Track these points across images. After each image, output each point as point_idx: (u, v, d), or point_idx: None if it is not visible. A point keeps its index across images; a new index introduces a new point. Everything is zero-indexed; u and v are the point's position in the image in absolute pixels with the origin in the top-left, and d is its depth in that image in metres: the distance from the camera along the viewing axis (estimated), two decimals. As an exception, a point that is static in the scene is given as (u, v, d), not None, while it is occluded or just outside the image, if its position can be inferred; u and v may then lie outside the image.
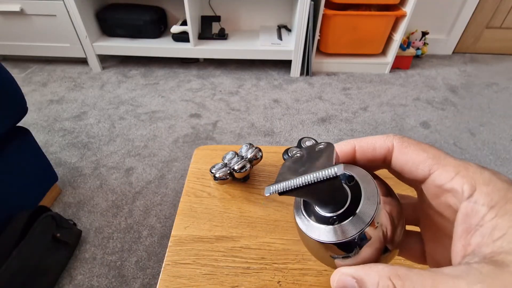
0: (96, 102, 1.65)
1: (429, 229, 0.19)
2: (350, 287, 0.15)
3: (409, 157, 0.17)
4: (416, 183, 0.17)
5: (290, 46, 1.80)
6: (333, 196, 0.17)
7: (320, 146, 0.18)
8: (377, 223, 0.16)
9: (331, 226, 0.16)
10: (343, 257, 0.16)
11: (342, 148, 0.19)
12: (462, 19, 2.06)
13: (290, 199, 0.43)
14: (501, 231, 0.13)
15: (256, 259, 0.36)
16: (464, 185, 0.15)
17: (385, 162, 0.18)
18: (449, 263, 0.16)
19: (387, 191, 0.18)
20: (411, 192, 0.21)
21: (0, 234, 0.79)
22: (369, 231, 0.16)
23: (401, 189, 0.21)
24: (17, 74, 1.88)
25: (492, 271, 0.12)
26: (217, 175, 0.41)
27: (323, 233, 0.17)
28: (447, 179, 0.15)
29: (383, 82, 1.88)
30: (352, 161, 0.19)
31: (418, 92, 1.80)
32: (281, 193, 0.16)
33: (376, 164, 0.19)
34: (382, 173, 0.20)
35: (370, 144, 0.18)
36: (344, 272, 0.16)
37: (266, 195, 0.16)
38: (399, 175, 0.18)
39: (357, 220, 0.16)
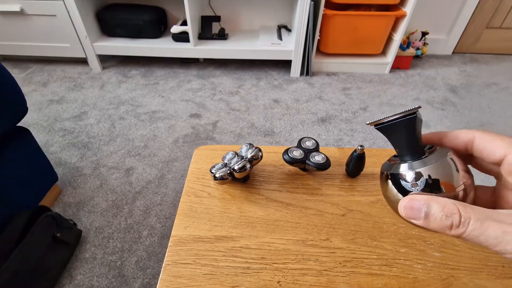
0: (96, 102, 1.65)
1: (505, 205, 0.22)
2: (417, 207, 0.19)
3: (489, 143, 0.21)
4: (493, 167, 0.22)
5: (290, 46, 1.80)
6: (415, 137, 0.23)
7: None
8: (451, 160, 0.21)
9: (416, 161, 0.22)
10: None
11: (428, 136, 0.25)
12: (462, 19, 2.06)
13: (291, 199, 0.43)
14: None
15: (256, 259, 0.36)
16: None
17: (467, 150, 0.23)
18: None
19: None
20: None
21: (0, 234, 0.79)
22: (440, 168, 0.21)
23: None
24: (17, 74, 1.88)
25: None
26: (217, 175, 0.41)
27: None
28: None
29: (383, 82, 1.88)
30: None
31: (418, 92, 1.80)
32: (377, 126, 0.23)
33: (459, 153, 0.23)
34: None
35: (454, 134, 0.23)
36: (413, 197, 0.20)
37: (367, 123, 0.23)
38: (480, 165, 0.23)
39: (434, 156, 0.22)
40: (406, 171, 0.21)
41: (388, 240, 0.38)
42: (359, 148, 0.42)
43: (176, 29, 1.77)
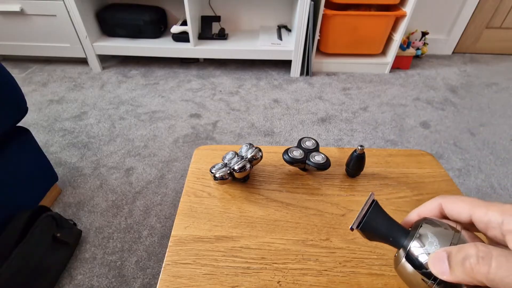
0: (96, 102, 1.65)
1: None
2: (439, 258, 0.20)
3: (453, 209, 0.23)
4: (468, 226, 0.23)
5: (290, 46, 1.80)
6: (387, 220, 0.26)
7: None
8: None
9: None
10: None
11: (410, 217, 0.27)
12: (462, 19, 2.06)
13: (291, 199, 0.43)
14: None
15: (256, 259, 0.36)
16: (494, 214, 0.20)
17: (445, 217, 0.25)
18: None
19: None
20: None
21: (0, 234, 0.79)
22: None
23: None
24: (17, 74, 1.88)
25: None
26: (217, 175, 0.41)
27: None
28: (482, 215, 0.21)
29: (383, 82, 1.88)
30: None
31: (418, 92, 1.80)
32: (358, 227, 0.25)
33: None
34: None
35: (425, 208, 0.26)
36: (437, 251, 0.21)
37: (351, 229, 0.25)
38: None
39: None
40: (414, 247, 0.23)
41: (388, 240, 0.38)
42: (359, 148, 0.42)
43: (176, 29, 1.77)
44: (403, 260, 0.23)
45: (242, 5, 1.96)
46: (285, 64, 1.99)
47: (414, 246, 0.22)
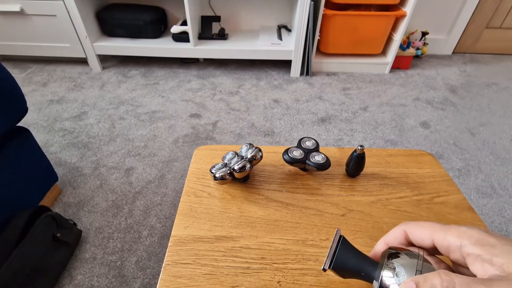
0: (96, 102, 1.65)
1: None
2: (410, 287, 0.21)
3: (416, 235, 0.25)
4: (432, 251, 0.24)
5: (290, 46, 1.80)
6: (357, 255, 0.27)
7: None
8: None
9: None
10: None
11: (377, 247, 0.28)
12: (462, 19, 2.06)
13: (291, 199, 0.43)
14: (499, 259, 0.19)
15: (256, 259, 0.36)
16: (452, 238, 0.22)
17: (412, 244, 0.26)
18: None
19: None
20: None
21: (0, 234, 0.79)
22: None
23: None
24: (17, 74, 1.88)
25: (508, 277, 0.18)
26: (217, 175, 0.41)
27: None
28: (441, 239, 0.22)
29: (383, 82, 1.88)
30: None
31: (418, 92, 1.80)
32: (330, 266, 0.26)
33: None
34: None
35: (392, 236, 0.27)
36: (406, 280, 0.22)
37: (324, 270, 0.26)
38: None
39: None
40: (385, 277, 0.24)
41: (388, 240, 0.38)
42: (359, 148, 0.42)
43: (176, 29, 1.77)
44: None
45: (242, 5, 1.96)
46: (285, 64, 1.99)
47: (385, 277, 0.24)
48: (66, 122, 1.51)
